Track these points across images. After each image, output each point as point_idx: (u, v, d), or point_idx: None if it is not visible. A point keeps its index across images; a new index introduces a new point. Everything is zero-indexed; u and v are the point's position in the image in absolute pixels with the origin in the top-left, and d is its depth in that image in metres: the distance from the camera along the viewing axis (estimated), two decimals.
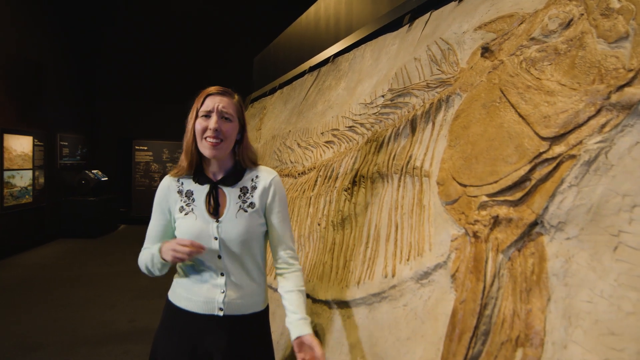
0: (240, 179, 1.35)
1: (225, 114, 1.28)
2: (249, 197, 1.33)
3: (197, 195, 1.32)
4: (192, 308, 1.30)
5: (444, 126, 1.37)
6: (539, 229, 0.95)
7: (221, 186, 1.33)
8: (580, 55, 0.98)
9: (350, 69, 2.53)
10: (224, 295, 1.29)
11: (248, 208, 1.32)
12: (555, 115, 0.97)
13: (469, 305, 1.00)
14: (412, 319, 1.21)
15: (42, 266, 5.48)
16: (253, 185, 1.35)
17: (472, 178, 1.13)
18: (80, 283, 4.75)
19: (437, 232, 1.23)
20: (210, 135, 1.26)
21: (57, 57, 7.31)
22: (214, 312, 1.29)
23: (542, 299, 0.89)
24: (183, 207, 1.32)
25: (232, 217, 1.30)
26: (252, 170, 1.37)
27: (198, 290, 1.30)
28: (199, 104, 1.29)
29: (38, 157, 6.54)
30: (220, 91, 1.31)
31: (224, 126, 1.27)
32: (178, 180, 1.35)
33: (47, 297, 4.22)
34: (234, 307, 1.30)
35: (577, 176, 0.90)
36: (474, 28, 1.41)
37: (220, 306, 1.29)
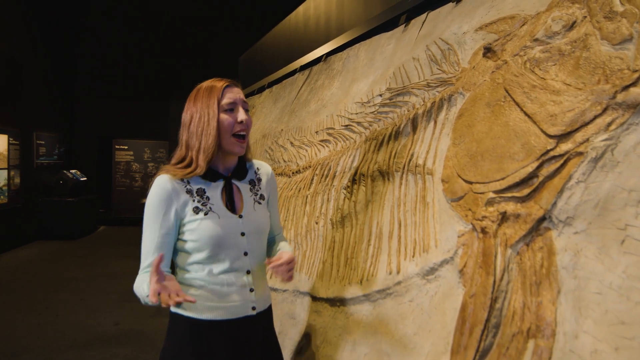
0: (247, 172, 1.34)
1: (245, 105, 1.24)
2: (258, 190, 1.34)
3: (210, 193, 1.23)
4: (224, 316, 1.20)
5: (447, 125, 1.39)
6: (547, 224, 0.98)
7: (234, 181, 1.29)
8: (584, 56, 1.02)
9: (344, 68, 2.54)
10: (254, 293, 1.25)
11: (260, 200, 1.33)
12: (561, 113, 1.00)
13: (480, 299, 1.02)
14: (418, 314, 1.23)
15: (20, 269, 5.30)
16: (258, 177, 1.36)
17: (479, 175, 1.15)
18: (62, 286, 4.62)
19: (442, 228, 1.25)
20: (241, 129, 1.21)
21: (33, 54, 7.09)
22: (247, 313, 1.24)
23: (552, 291, 0.92)
24: (199, 208, 1.20)
25: (251, 210, 1.28)
26: (252, 163, 1.38)
27: (228, 294, 1.21)
28: (217, 97, 1.20)
29: (13, 156, 6.33)
30: (232, 82, 1.25)
31: (249, 119, 1.23)
32: (183, 180, 1.21)
33: (28, 301, 4.09)
34: (262, 303, 1.29)
35: (585, 172, 0.93)
36: (475, 29, 1.44)
37: (254, 305, 1.25)
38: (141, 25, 8.85)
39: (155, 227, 1.18)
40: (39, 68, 7.29)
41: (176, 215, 1.20)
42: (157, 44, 8.92)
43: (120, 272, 5.19)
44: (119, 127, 8.86)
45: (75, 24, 8.51)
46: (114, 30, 8.78)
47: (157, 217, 1.18)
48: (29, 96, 6.90)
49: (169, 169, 1.23)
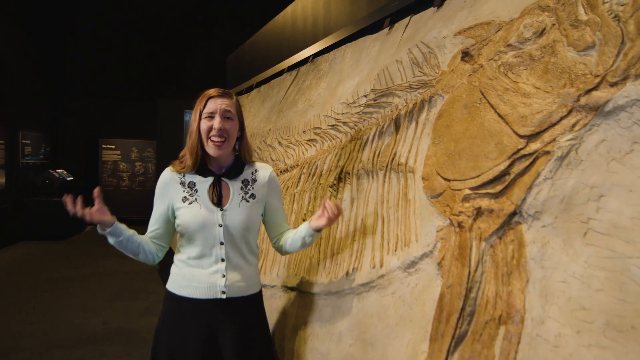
0: (241, 172, 1.48)
1: (227, 113, 1.39)
2: (250, 189, 1.47)
3: (199, 187, 1.42)
4: (195, 294, 1.38)
5: (427, 125, 1.46)
6: (517, 218, 1.05)
7: (224, 179, 1.45)
8: (552, 62, 1.09)
9: (330, 69, 2.60)
10: (225, 279, 1.39)
11: (250, 199, 1.46)
12: (531, 115, 1.07)
13: (455, 289, 1.09)
14: (400, 305, 1.30)
15: (6, 270, 5.25)
16: (253, 178, 1.49)
17: (456, 173, 1.22)
18: (50, 286, 4.59)
19: (423, 223, 1.31)
20: (215, 134, 1.36)
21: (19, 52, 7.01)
22: (216, 296, 1.38)
23: (522, 281, 0.99)
24: (186, 197, 1.41)
25: (235, 206, 1.42)
26: (251, 165, 1.52)
27: (200, 276, 1.39)
28: (201, 106, 1.39)
29: None
30: (220, 93, 1.41)
31: (226, 125, 1.38)
32: (180, 173, 1.44)
33: (15, 301, 4.06)
34: (235, 290, 1.40)
35: (552, 170, 1.00)
36: (454, 33, 1.51)
37: (223, 289, 1.39)
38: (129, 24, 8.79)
39: (156, 207, 1.46)
40: (24, 66, 7.20)
41: (170, 201, 1.43)
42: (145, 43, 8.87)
43: (109, 272, 5.18)
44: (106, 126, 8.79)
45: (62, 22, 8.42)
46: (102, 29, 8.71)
47: (157, 199, 1.46)
48: (14, 95, 6.81)
49: (174, 162, 1.48)
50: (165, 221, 1.45)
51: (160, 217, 1.45)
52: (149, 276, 4.93)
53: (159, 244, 1.47)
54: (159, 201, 1.45)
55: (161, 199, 1.44)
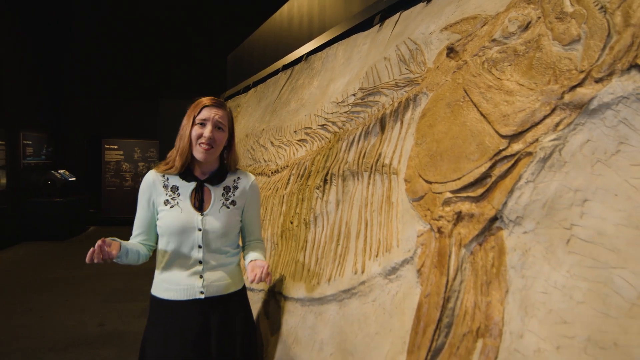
0: (224, 179, 1.52)
1: (219, 123, 1.44)
2: (230, 196, 1.52)
3: (182, 191, 1.46)
4: (175, 296, 1.42)
5: (412, 124, 1.40)
6: (498, 223, 0.99)
7: (207, 184, 1.49)
8: (537, 57, 1.03)
9: (323, 68, 2.54)
10: (203, 280, 1.43)
11: (230, 205, 1.51)
12: (513, 114, 1.01)
13: (433, 299, 1.03)
14: (380, 314, 1.24)
15: (5, 270, 5.26)
16: (235, 185, 1.54)
17: (437, 175, 1.16)
18: (47, 287, 4.59)
19: (404, 228, 1.25)
20: (204, 142, 1.41)
21: (20, 52, 7.03)
22: (195, 296, 1.42)
23: (501, 291, 0.93)
24: (168, 200, 1.44)
25: (215, 211, 1.47)
26: (234, 173, 1.57)
27: (179, 278, 1.43)
28: (195, 112, 1.44)
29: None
30: (214, 102, 1.46)
31: (217, 135, 1.44)
32: (163, 176, 1.47)
33: (11, 303, 4.06)
34: (214, 289, 1.45)
35: (534, 172, 0.94)
36: (441, 29, 1.44)
37: (201, 289, 1.43)
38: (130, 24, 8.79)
39: (141, 209, 1.48)
40: (25, 67, 7.23)
41: (153, 203, 1.47)
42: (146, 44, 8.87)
43: (108, 273, 5.16)
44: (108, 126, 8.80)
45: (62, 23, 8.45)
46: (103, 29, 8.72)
47: (141, 201, 1.48)
48: (15, 95, 6.84)
49: (159, 164, 1.51)
50: (151, 223, 1.49)
51: (146, 220, 1.48)
52: (147, 278, 4.90)
53: (149, 245, 1.52)
54: (143, 203, 1.47)
55: (145, 200, 1.46)
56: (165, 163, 1.49)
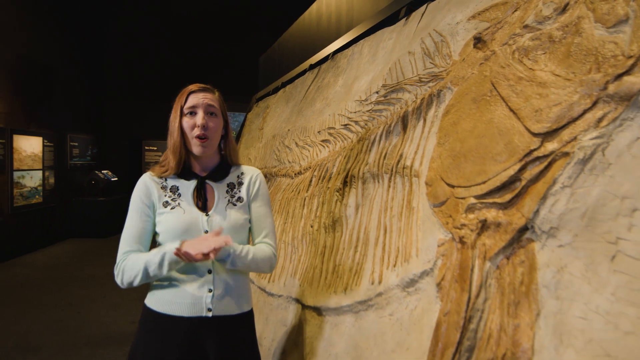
0: (227, 175, 1.37)
1: (211, 108, 1.29)
2: (236, 192, 1.36)
3: (183, 190, 1.30)
4: (177, 312, 1.22)
5: (435, 122, 1.28)
6: (529, 234, 0.86)
7: (208, 181, 1.33)
8: (576, 43, 0.89)
9: (348, 66, 2.45)
10: (212, 295, 1.24)
11: (237, 202, 1.34)
12: (547, 108, 0.88)
13: (453, 318, 0.92)
14: (397, 330, 1.13)
15: (50, 266, 5.52)
16: (239, 181, 1.38)
17: (460, 178, 1.04)
18: (86, 283, 4.76)
19: (424, 236, 1.14)
20: (199, 132, 1.26)
21: (65, 58, 7.39)
22: (202, 314, 1.23)
23: (531, 313, 0.80)
24: (168, 202, 1.28)
25: (221, 210, 1.30)
26: (237, 167, 1.41)
27: (183, 291, 1.23)
28: (181, 101, 1.29)
29: (48, 157, 6.62)
30: (201, 87, 1.31)
31: (210, 121, 1.28)
32: (160, 178, 1.31)
33: (51, 297, 4.24)
34: (223, 307, 1.25)
35: (571, 176, 0.81)
36: (468, 18, 1.32)
37: (209, 306, 1.23)
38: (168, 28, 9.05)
39: (135, 217, 1.28)
40: (71, 73, 7.59)
41: (151, 209, 1.29)
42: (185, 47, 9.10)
43: None
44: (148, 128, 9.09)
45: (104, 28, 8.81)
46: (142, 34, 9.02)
47: (134, 210, 1.29)
48: (63, 100, 7.19)
49: (154, 167, 1.36)
50: (148, 233, 1.29)
51: (141, 230, 1.27)
52: None
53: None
54: (137, 210, 1.27)
55: (140, 206, 1.27)
56: (160, 166, 1.34)
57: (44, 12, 6.76)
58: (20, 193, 5.93)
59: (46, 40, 6.79)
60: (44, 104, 6.66)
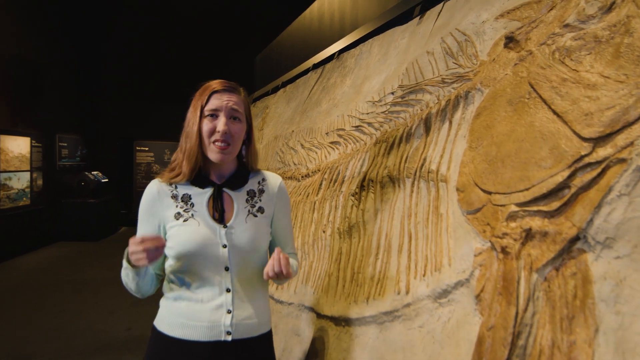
0: (246, 182, 1.24)
1: (234, 112, 1.16)
2: (257, 202, 1.23)
3: (196, 200, 1.17)
4: (192, 336, 1.10)
5: (463, 125, 1.23)
6: (581, 245, 0.82)
7: (226, 190, 1.20)
8: (626, 43, 0.85)
9: (356, 65, 2.40)
10: (232, 316, 1.12)
11: (258, 213, 1.22)
12: (599, 112, 0.83)
13: (499, 333, 0.87)
14: (429, 343, 1.08)
15: (39, 270, 5.37)
16: (260, 188, 1.26)
17: (499, 184, 0.99)
18: (78, 288, 4.63)
19: (457, 244, 1.09)
20: (219, 138, 1.13)
21: (55, 57, 7.22)
22: (220, 338, 1.11)
23: (589, 329, 0.76)
24: (180, 214, 1.15)
25: (241, 222, 1.18)
26: (257, 174, 1.28)
27: (199, 312, 1.12)
28: (202, 101, 1.15)
29: (36, 158, 6.45)
30: (226, 87, 1.17)
31: (233, 127, 1.15)
32: (170, 185, 1.19)
33: (43, 303, 4.11)
34: (243, 330, 1.14)
35: (629, 184, 0.76)
36: (495, 17, 1.27)
37: (228, 329, 1.12)
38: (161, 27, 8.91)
39: (142, 229, 1.19)
40: (61, 72, 7.42)
41: (160, 220, 1.18)
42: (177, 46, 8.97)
43: None
44: (139, 128, 8.94)
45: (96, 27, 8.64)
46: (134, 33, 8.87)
47: (143, 220, 1.19)
48: (51, 99, 7.02)
49: (163, 172, 1.23)
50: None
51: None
52: None
53: (157, 273, 1.21)
54: (146, 222, 1.18)
55: (149, 218, 1.17)
56: (170, 170, 1.20)
57: (33, 10, 6.59)
58: (7, 195, 5.76)
59: (35, 38, 6.61)
60: (32, 103, 6.49)
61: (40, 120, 6.64)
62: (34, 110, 6.50)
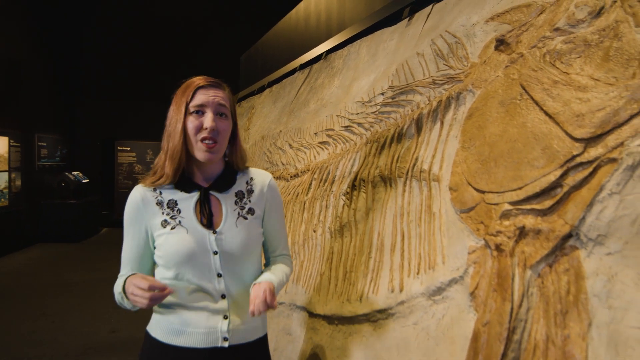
0: (234, 182, 1.19)
1: (221, 108, 1.11)
2: (246, 203, 1.18)
3: (182, 205, 1.12)
4: (189, 343, 1.08)
5: (454, 126, 1.26)
6: (573, 242, 0.84)
7: (213, 192, 1.15)
8: (615, 47, 0.88)
9: (344, 66, 2.41)
10: (228, 322, 1.10)
11: (248, 215, 1.17)
12: (590, 113, 0.86)
13: (495, 329, 0.89)
14: (423, 339, 1.10)
15: (19, 273, 5.23)
16: (249, 188, 1.20)
17: (492, 183, 1.02)
18: (60, 291, 4.53)
19: (450, 242, 1.11)
20: (207, 135, 1.07)
21: (34, 55, 7.03)
22: (217, 344, 1.09)
23: (582, 323, 0.78)
24: (167, 221, 1.11)
25: (231, 226, 1.13)
26: (245, 173, 1.23)
27: (195, 319, 1.09)
28: (187, 97, 1.09)
29: (15, 158, 6.27)
30: (211, 82, 1.13)
31: (220, 124, 1.10)
32: (155, 190, 1.13)
33: (23, 307, 4.00)
34: (240, 335, 1.12)
35: (619, 183, 0.79)
36: (485, 19, 1.30)
37: (225, 335, 1.10)
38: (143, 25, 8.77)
39: (129, 238, 1.15)
40: (40, 69, 7.23)
41: (147, 228, 1.14)
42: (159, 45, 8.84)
43: None
44: (121, 128, 8.78)
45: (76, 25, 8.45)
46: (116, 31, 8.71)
47: (128, 228, 1.15)
48: (30, 98, 6.84)
49: (145, 177, 1.17)
50: (145, 254, 1.15)
51: (138, 251, 1.14)
52: None
53: None
54: (132, 230, 1.13)
55: (135, 226, 1.13)
56: (152, 173, 1.15)
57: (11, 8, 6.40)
58: None
59: (12, 35, 6.43)
60: (10, 101, 6.30)
61: (18, 119, 6.45)
62: (12, 110, 6.32)
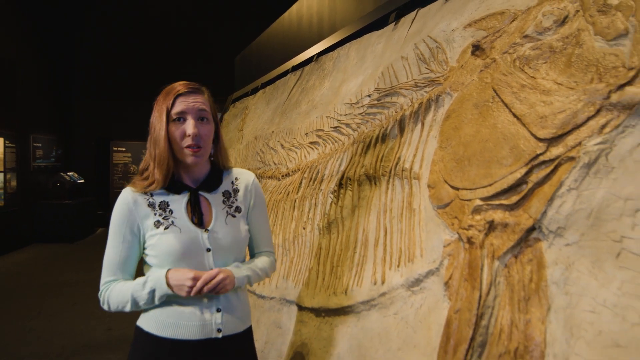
0: (220, 182, 1.25)
1: (202, 113, 1.15)
2: (233, 202, 1.25)
3: (174, 206, 1.17)
4: (184, 335, 1.13)
5: (434, 127, 1.32)
6: (536, 234, 0.91)
7: (202, 193, 1.21)
8: (577, 53, 0.95)
9: (334, 68, 2.47)
10: (222, 314, 1.16)
11: (235, 213, 1.24)
12: (552, 115, 0.93)
13: (464, 315, 0.95)
14: (403, 328, 1.16)
15: (14, 273, 5.25)
16: (234, 188, 1.27)
17: (465, 181, 1.08)
18: (56, 291, 4.56)
19: (428, 237, 1.18)
20: (191, 143, 1.12)
21: (30, 55, 7.05)
22: (211, 336, 1.14)
23: (542, 309, 0.85)
24: (160, 221, 1.15)
25: (222, 224, 1.20)
26: (229, 172, 1.30)
27: (189, 312, 1.14)
28: (167, 104, 1.13)
29: (10, 159, 6.29)
30: (190, 88, 1.16)
31: (202, 129, 1.15)
32: (145, 193, 1.17)
33: (19, 306, 4.04)
34: (232, 326, 1.18)
35: (577, 179, 0.86)
36: (464, 26, 1.37)
37: (219, 327, 1.15)
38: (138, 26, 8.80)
39: (117, 243, 1.16)
40: (35, 69, 7.25)
41: (138, 230, 1.16)
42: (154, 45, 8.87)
43: None
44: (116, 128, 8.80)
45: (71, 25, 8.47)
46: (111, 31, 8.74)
47: (116, 232, 1.16)
48: (25, 98, 6.86)
49: (134, 180, 1.20)
50: (132, 257, 1.18)
51: (127, 259, 1.16)
52: None
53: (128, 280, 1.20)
54: (118, 236, 1.15)
55: (122, 232, 1.15)
56: (142, 178, 1.18)
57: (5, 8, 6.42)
58: None
59: (7, 35, 6.45)
60: (5, 102, 6.32)
61: (13, 120, 6.47)
62: (7, 110, 6.34)
